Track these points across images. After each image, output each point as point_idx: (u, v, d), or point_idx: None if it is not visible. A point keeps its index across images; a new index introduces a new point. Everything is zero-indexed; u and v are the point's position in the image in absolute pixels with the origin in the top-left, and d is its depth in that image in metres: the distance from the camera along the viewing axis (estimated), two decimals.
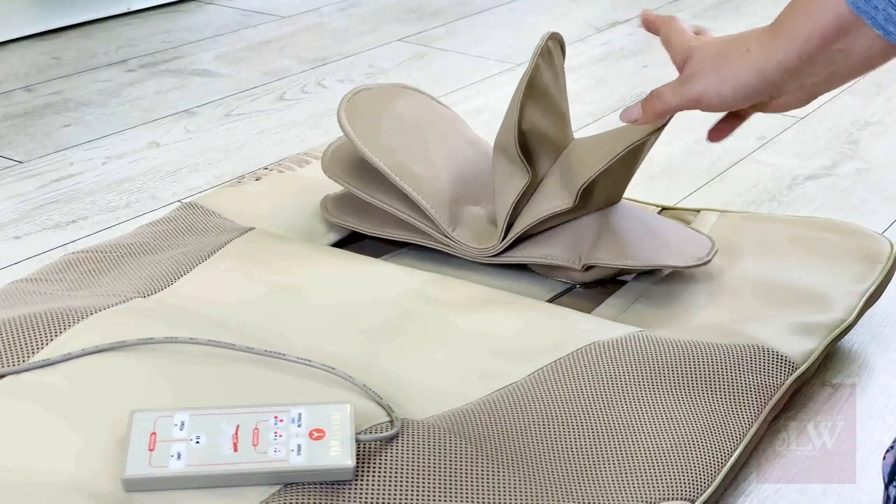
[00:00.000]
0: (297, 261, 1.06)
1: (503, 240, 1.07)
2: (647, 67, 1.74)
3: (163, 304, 0.96)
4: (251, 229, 1.10)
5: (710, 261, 1.04)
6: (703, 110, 0.93)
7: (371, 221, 1.13)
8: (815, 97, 0.90)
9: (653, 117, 0.96)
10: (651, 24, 1.00)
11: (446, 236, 1.09)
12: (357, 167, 1.13)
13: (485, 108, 1.58)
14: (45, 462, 0.75)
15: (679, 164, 1.39)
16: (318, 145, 1.34)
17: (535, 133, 1.07)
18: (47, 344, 0.87)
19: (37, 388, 0.82)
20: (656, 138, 1.04)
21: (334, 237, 1.13)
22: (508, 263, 1.09)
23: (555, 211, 1.05)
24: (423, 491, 0.76)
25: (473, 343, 0.94)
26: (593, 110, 1.57)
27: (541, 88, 1.06)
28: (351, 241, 1.13)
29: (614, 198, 1.09)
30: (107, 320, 0.90)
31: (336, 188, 1.16)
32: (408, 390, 0.86)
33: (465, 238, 1.08)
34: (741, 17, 2.00)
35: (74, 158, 1.36)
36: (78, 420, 0.79)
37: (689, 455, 0.82)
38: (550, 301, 1.05)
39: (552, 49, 1.08)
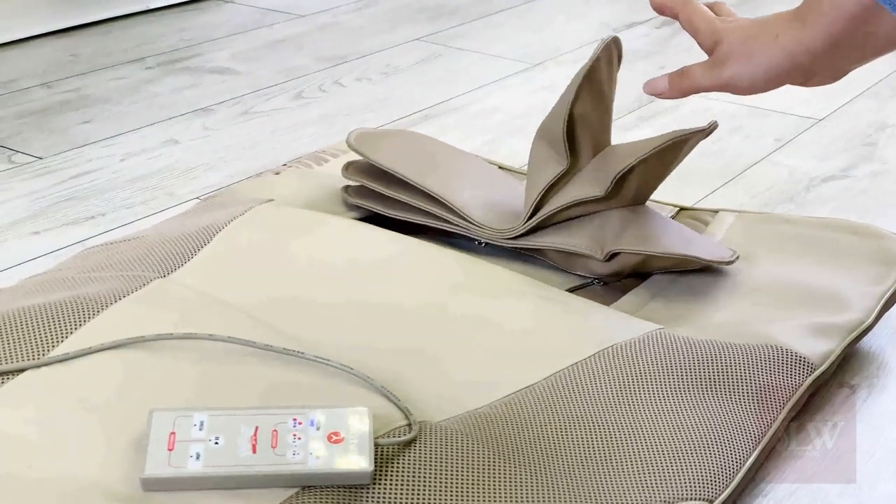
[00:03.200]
0: (317, 234, 1.07)
1: (527, 221, 1.07)
2: (664, 69, 1.73)
3: (182, 286, 0.96)
4: (270, 200, 1.12)
5: (733, 262, 1.04)
6: (731, 93, 0.94)
7: (391, 204, 1.14)
8: (846, 74, 0.91)
9: (678, 93, 0.97)
10: (665, 7, 1.00)
11: (467, 220, 1.09)
12: (375, 175, 1.15)
13: (500, 108, 1.58)
14: (64, 460, 0.76)
15: (696, 165, 1.38)
16: (335, 143, 1.34)
17: (582, 124, 1.08)
18: (67, 337, 0.87)
19: (56, 383, 0.83)
20: (698, 140, 1.05)
21: (355, 217, 1.15)
22: (528, 248, 1.09)
23: (585, 197, 1.05)
24: (440, 495, 0.76)
25: (494, 341, 0.94)
26: None
27: (597, 83, 1.07)
28: None
29: (643, 196, 1.10)
30: (126, 310, 0.91)
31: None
32: (425, 391, 0.86)
33: (486, 221, 1.09)
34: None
35: (92, 155, 1.36)
36: (96, 418, 0.79)
37: (708, 455, 0.82)
38: None
39: (612, 52, 1.08)
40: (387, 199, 1.14)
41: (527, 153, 1.37)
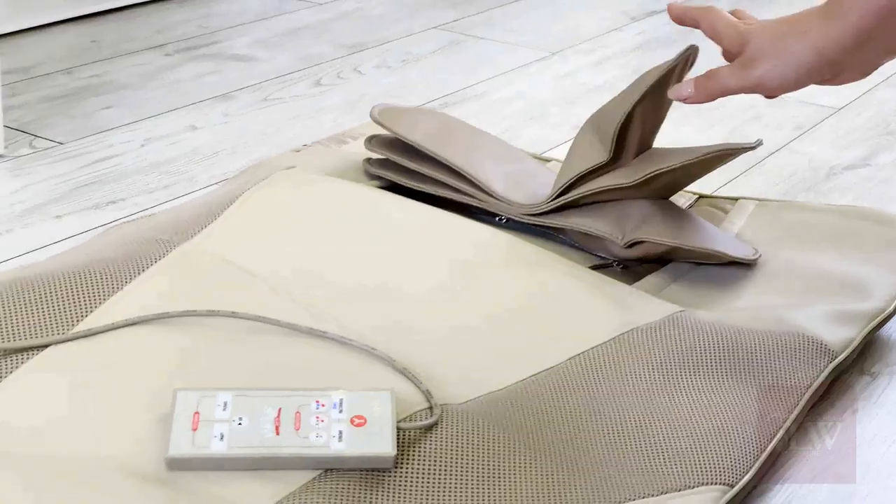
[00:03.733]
0: (339, 200, 1.08)
1: (553, 200, 1.07)
2: None
3: (205, 252, 0.96)
4: (292, 167, 1.13)
5: (755, 261, 1.04)
6: (762, 94, 0.93)
7: (414, 177, 1.15)
8: (877, 68, 0.90)
9: (706, 98, 0.96)
10: (685, 17, 1.00)
11: (490, 194, 1.10)
12: (398, 148, 1.16)
13: (519, 96, 1.58)
14: (88, 438, 0.76)
15: None
16: (356, 126, 1.35)
17: (636, 124, 1.07)
18: (93, 310, 0.87)
19: (81, 360, 0.83)
20: (741, 154, 1.04)
21: (377, 187, 1.16)
22: (549, 226, 1.09)
23: (614, 185, 1.05)
24: (460, 479, 0.77)
25: (516, 320, 0.94)
26: None
27: (663, 89, 1.06)
28: None
29: (668, 193, 1.11)
30: (151, 282, 0.91)
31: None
32: (446, 371, 0.87)
33: (509, 196, 1.09)
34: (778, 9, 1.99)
35: (113, 140, 1.37)
36: (121, 395, 0.80)
37: (729, 440, 0.82)
38: None
39: (687, 62, 1.07)
40: (409, 171, 1.16)
41: (546, 141, 1.37)
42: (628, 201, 1.07)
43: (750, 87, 0.93)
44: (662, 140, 1.13)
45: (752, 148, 1.02)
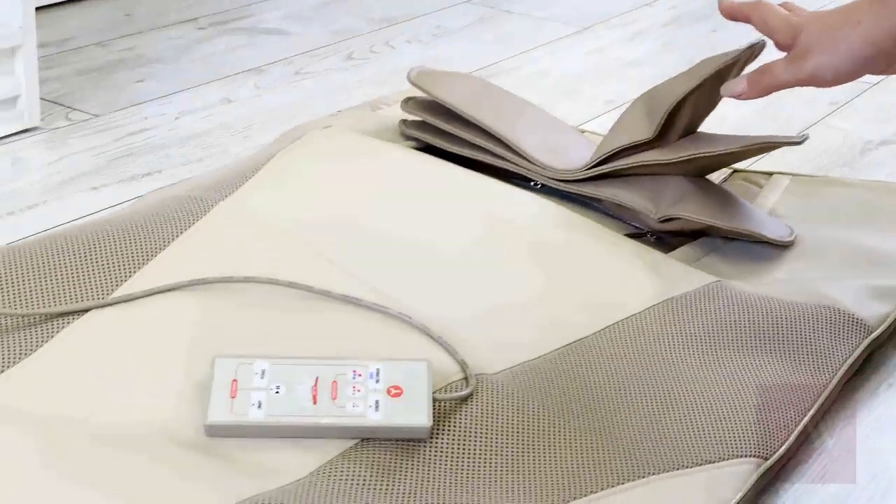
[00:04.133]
0: (374, 159, 1.09)
1: (591, 168, 1.07)
2: (716, 32, 1.73)
3: (242, 212, 0.97)
4: (328, 126, 1.14)
5: (791, 242, 1.04)
6: (816, 86, 0.93)
7: (449, 139, 1.16)
8: None
9: (759, 94, 0.96)
10: (736, 12, 0.99)
11: (527, 159, 1.10)
12: (435, 111, 1.17)
13: (550, 71, 1.58)
14: (127, 404, 0.77)
15: (750, 128, 1.38)
16: (391, 93, 1.35)
17: (687, 109, 1.07)
18: (132, 274, 0.88)
19: (120, 325, 0.84)
20: (783, 145, 1.05)
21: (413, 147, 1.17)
22: (583, 195, 1.09)
23: (654, 161, 1.05)
24: (494, 450, 0.77)
25: (552, 287, 0.94)
26: (659, 73, 1.57)
27: (722, 80, 1.05)
28: None
29: (703, 173, 1.11)
30: (189, 245, 0.92)
31: None
32: (481, 340, 0.87)
33: (546, 162, 1.10)
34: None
35: (148, 113, 1.38)
36: (159, 361, 0.81)
37: (764, 413, 0.82)
38: None
39: (751, 57, 1.06)
40: (445, 134, 1.16)
41: (578, 116, 1.37)
42: (665, 177, 1.07)
43: (804, 80, 0.92)
44: None
45: (798, 143, 1.02)
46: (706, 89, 1.06)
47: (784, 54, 0.97)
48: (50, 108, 1.36)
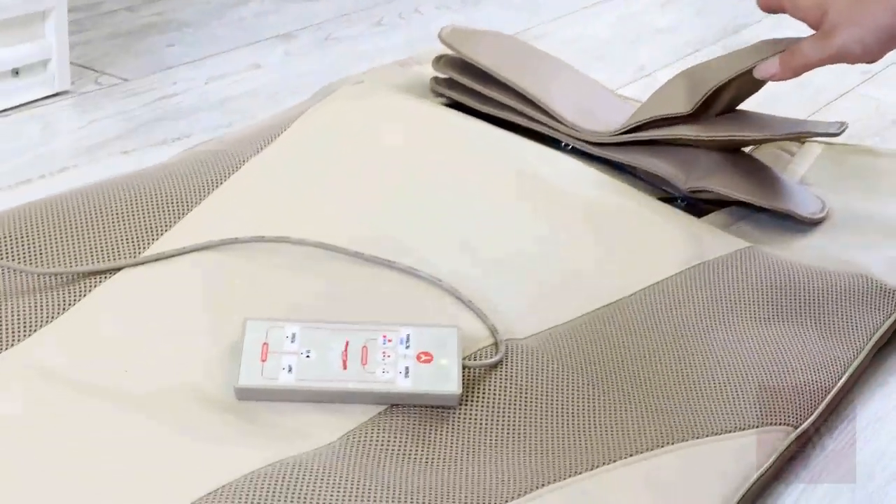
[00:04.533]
0: (405, 116, 1.09)
1: (622, 133, 1.07)
2: None
3: (273, 167, 0.97)
4: (360, 82, 1.14)
5: (822, 219, 1.03)
6: (846, 62, 0.92)
7: (480, 99, 1.16)
8: None
9: (791, 74, 0.96)
10: (773, 4, 0.99)
11: (558, 120, 1.10)
12: (466, 70, 1.17)
13: (581, 37, 1.57)
14: (160, 365, 0.77)
15: (781, 96, 1.37)
16: (423, 51, 1.35)
17: (730, 90, 1.06)
18: (164, 232, 0.88)
19: (152, 285, 0.84)
20: (820, 136, 1.05)
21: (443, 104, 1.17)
22: (613, 160, 1.09)
23: (687, 136, 1.04)
24: (524, 417, 0.77)
25: (583, 251, 0.94)
26: (692, 39, 1.56)
27: None
28: None
29: (734, 147, 1.10)
30: (221, 201, 0.92)
31: None
32: (511, 304, 0.87)
33: (580, 123, 1.09)
34: None
35: (177, 77, 1.38)
36: (191, 321, 0.81)
37: (793, 382, 0.82)
38: None
39: None
40: (475, 93, 1.16)
41: (609, 82, 1.36)
42: (697, 148, 1.07)
43: (833, 57, 0.92)
44: None
45: (836, 134, 1.02)
46: (751, 76, 1.05)
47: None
48: (80, 73, 1.36)
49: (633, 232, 0.97)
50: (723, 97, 1.06)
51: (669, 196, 1.08)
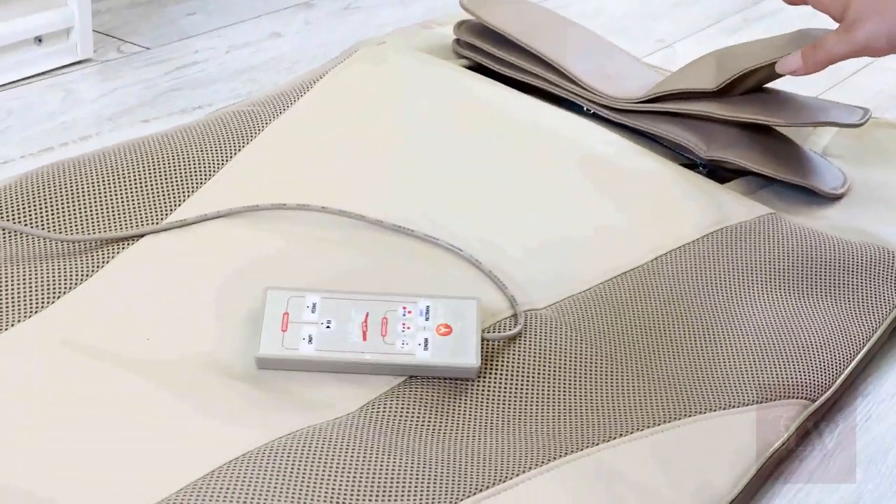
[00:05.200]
0: (429, 79, 1.09)
1: (645, 102, 1.07)
2: None
3: (295, 132, 0.98)
4: (382, 43, 1.14)
5: (843, 195, 1.03)
6: (870, 55, 0.91)
7: (502, 63, 1.16)
8: None
9: (814, 68, 0.95)
10: None
11: (580, 84, 1.10)
12: (487, 36, 1.17)
13: (601, 10, 1.56)
14: (180, 334, 0.78)
15: None
16: (440, 16, 1.35)
17: (759, 74, 1.06)
18: (187, 198, 0.89)
19: (173, 252, 0.85)
20: (843, 126, 1.05)
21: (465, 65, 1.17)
22: (633, 127, 1.09)
23: (710, 113, 1.05)
24: (541, 390, 0.78)
25: (605, 211, 0.95)
26: (711, 11, 1.55)
27: None
28: None
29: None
30: (242, 167, 0.92)
31: None
32: (531, 266, 0.87)
33: (601, 88, 1.09)
34: None
35: (198, 46, 1.38)
36: (212, 290, 0.82)
37: (812, 355, 0.82)
38: None
39: None
40: (497, 57, 1.17)
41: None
42: (719, 122, 1.07)
43: (857, 51, 0.91)
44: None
45: (859, 125, 1.01)
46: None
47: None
48: (102, 41, 1.36)
49: (655, 196, 0.97)
50: (749, 80, 1.06)
51: (691, 162, 1.08)
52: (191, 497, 0.64)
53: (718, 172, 1.06)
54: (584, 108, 1.12)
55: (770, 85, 1.09)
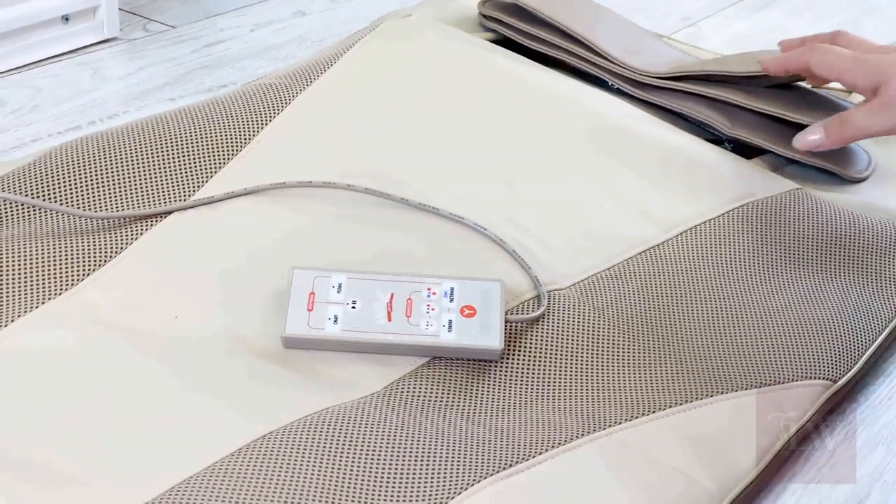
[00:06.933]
0: (455, 53, 1.09)
1: (671, 78, 1.07)
2: None
3: (322, 105, 0.98)
4: (409, 16, 1.15)
5: (867, 177, 1.03)
6: None
7: (528, 36, 1.17)
8: None
9: (839, 144, 0.91)
10: (789, 65, 0.95)
11: (606, 58, 1.11)
12: (512, 11, 1.18)
13: None
14: (208, 312, 0.79)
15: None
16: None
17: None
18: (214, 174, 0.90)
19: (200, 229, 0.85)
20: None
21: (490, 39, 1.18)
22: (657, 103, 1.09)
23: (736, 101, 1.05)
24: (563, 371, 0.78)
25: (630, 186, 0.95)
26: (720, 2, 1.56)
27: None
28: None
29: None
30: (269, 143, 0.93)
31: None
32: (555, 242, 0.88)
33: (629, 62, 1.10)
34: None
35: (224, 25, 1.39)
36: (238, 268, 0.82)
37: (834, 335, 0.82)
38: None
39: None
40: (523, 31, 1.17)
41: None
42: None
43: (894, 129, 0.87)
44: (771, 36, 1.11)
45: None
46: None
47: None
48: (128, 19, 1.37)
49: (680, 170, 0.97)
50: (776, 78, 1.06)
51: (716, 138, 1.08)
52: (218, 474, 0.65)
53: (743, 150, 1.06)
54: (609, 84, 1.12)
55: None
